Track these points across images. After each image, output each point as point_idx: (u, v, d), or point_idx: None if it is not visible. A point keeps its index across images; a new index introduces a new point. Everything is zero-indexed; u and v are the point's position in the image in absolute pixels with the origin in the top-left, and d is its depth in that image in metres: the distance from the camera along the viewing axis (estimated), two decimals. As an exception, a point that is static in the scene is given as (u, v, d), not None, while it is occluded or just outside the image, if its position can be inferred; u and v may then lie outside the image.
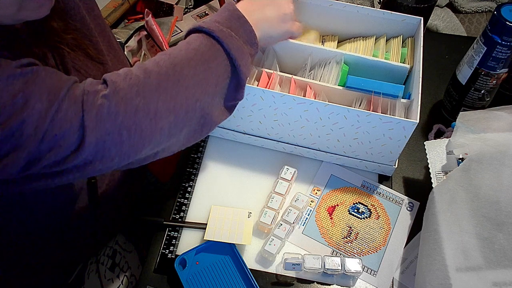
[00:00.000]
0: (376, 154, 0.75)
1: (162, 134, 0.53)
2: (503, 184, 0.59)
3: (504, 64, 0.75)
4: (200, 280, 0.65)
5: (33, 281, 0.73)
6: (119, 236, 0.82)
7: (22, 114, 0.44)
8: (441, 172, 0.72)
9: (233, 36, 0.59)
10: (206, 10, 1.84)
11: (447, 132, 0.81)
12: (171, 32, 1.63)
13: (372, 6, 1.57)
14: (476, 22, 1.62)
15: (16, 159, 0.45)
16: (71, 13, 0.63)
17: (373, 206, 0.75)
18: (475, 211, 0.60)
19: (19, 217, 0.63)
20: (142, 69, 0.53)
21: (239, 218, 0.71)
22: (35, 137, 0.45)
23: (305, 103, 0.69)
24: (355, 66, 0.77)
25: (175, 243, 0.70)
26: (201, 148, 0.81)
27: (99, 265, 0.77)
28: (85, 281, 0.75)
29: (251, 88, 0.69)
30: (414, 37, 0.82)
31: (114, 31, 1.34)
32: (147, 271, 0.68)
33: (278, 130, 0.77)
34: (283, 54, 0.81)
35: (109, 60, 0.70)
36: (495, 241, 0.57)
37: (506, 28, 0.71)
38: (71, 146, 0.47)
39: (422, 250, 0.64)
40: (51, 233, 0.69)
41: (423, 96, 0.70)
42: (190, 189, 0.76)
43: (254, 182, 0.77)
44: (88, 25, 0.66)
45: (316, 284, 0.67)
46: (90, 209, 0.69)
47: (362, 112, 0.67)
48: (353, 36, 0.86)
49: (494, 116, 0.67)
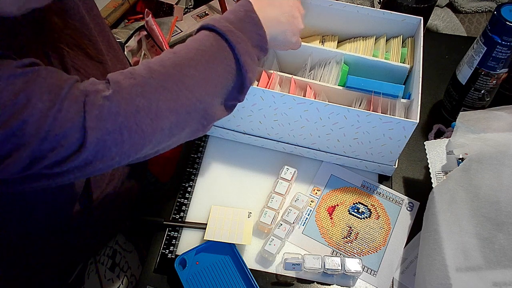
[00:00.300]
0: (376, 154, 0.75)
1: (163, 134, 0.53)
2: (503, 184, 0.59)
3: (504, 64, 0.75)
4: (200, 280, 0.65)
5: (33, 281, 0.73)
6: (119, 236, 0.82)
7: (23, 113, 0.44)
8: (441, 172, 0.72)
9: (244, 40, 0.58)
10: (206, 10, 1.84)
11: (447, 132, 0.81)
12: (171, 32, 1.63)
13: (372, 6, 1.57)
14: (476, 22, 1.62)
15: (18, 159, 0.45)
16: (70, 12, 0.63)
17: (373, 206, 0.75)
18: (475, 211, 0.60)
19: (19, 217, 0.63)
20: (147, 68, 0.53)
21: (239, 218, 0.71)
22: (37, 137, 0.45)
23: (305, 103, 0.69)
24: (355, 66, 0.77)
25: (175, 243, 0.70)
26: (201, 148, 0.81)
27: (99, 265, 0.77)
28: (85, 281, 0.75)
29: (251, 88, 0.69)
30: (414, 37, 0.82)
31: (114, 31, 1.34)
32: (147, 271, 0.68)
33: (278, 130, 0.77)
34: (283, 54, 0.81)
35: (108, 59, 0.70)
36: (495, 241, 0.57)
37: (506, 28, 0.71)
38: (73, 146, 0.47)
39: (422, 250, 0.64)
40: (51, 233, 0.68)
41: (423, 96, 0.70)
42: (190, 189, 0.76)
43: (254, 182, 0.77)
44: (88, 25, 0.66)
45: (316, 284, 0.67)
46: (89, 209, 0.69)
47: (362, 112, 0.67)
48: (353, 36, 0.86)
49: (494, 116, 0.67)
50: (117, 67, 0.74)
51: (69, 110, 0.46)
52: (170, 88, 0.52)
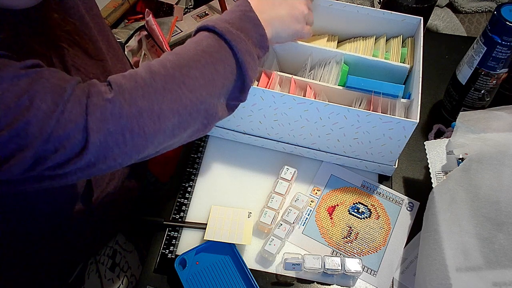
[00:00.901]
0: (376, 154, 0.75)
1: (165, 135, 0.53)
2: (503, 184, 0.59)
3: (504, 64, 0.75)
4: (200, 280, 0.65)
5: (33, 281, 0.73)
6: (119, 236, 0.82)
7: (27, 114, 0.44)
8: (441, 172, 0.72)
9: (243, 40, 0.58)
10: (206, 10, 1.84)
11: (447, 132, 0.81)
12: (171, 32, 1.63)
13: (372, 6, 1.57)
14: (476, 22, 1.62)
15: (21, 160, 0.45)
16: (70, 11, 0.63)
17: (373, 206, 0.75)
18: (475, 211, 0.60)
19: (19, 217, 0.63)
20: (148, 70, 0.52)
21: (239, 218, 0.71)
22: (40, 138, 0.45)
23: (305, 103, 0.69)
24: (355, 66, 0.77)
25: (175, 243, 0.70)
26: (201, 148, 0.81)
27: (99, 265, 0.77)
28: (85, 281, 0.75)
29: (251, 88, 0.69)
30: (414, 37, 0.82)
31: (114, 31, 1.34)
32: (147, 271, 0.68)
33: (278, 130, 0.77)
34: (283, 54, 0.81)
35: (108, 59, 0.70)
36: (495, 241, 0.57)
37: (506, 28, 0.71)
38: (76, 147, 0.47)
39: (422, 250, 0.64)
40: (51, 233, 0.69)
41: (423, 96, 0.70)
42: (190, 189, 0.76)
43: (254, 182, 0.77)
44: (87, 24, 0.66)
45: (316, 284, 0.67)
46: (90, 209, 0.69)
47: (362, 112, 0.67)
48: (353, 36, 0.86)
49: (494, 116, 0.67)
50: (117, 66, 0.74)
51: (72, 111, 0.46)
52: (172, 89, 0.52)
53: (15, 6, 0.51)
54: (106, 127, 0.48)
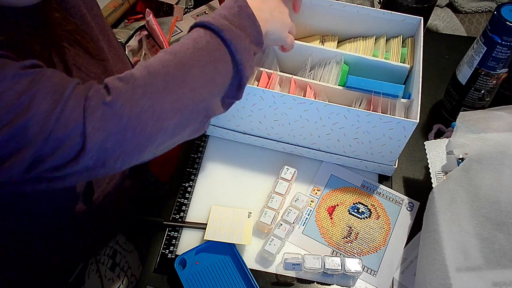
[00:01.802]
0: (376, 154, 0.75)
1: (166, 134, 0.53)
2: (503, 184, 0.59)
3: (504, 64, 0.75)
4: (200, 280, 0.65)
5: (33, 281, 0.73)
6: (119, 236, 0.82)
7: (27, 113, 0.44)
8: (441, 172, 0.72)
9: (240, 37, 0.57)
10: (206, 10, 1.84)
11: (447, 132, 0.81)
12: (171, 32, 1.63)
13: (372, 6, 1.57)
14: (476, 22, 1.62)
15: (21, 159, 0.45)
16: (71, 11, 0.63)
17: (373, 206, 0.75)
18: (475, 211, 0.60)
19: (19, 217, 0.63)
20: (146, 69, 0.52)
21: (239, 218, 0.71)
22: (40, 137, 0.45)
23: (305, 103, 0.69)
24: (355, 66, 0.77)
25: (175, 243, 0.70)
26: (201, 148, 0.81)
27: (99, 265, 0.77)
28: (85, 281, 0.75)
29: (251, 88, 0.69)
30: (414, 37, 0.82)
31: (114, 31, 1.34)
32: (147, 271, 0.68)
33: (278, 130, 0.77)
34: (283, 54, 0.81)
35: (109, 58, 0.70)
36: (495, 241, 0.57)
37: (506, 28, 0.71)
38: (75, 147, 0.46)
39: (422, 250, 0.64)
40: (51, 233, 0.69)
41: (423, 96, 0.70)
42: (190, 189, 0.76)
43: (254, 182, 0.77)
44: (88, 23, 0.66)
45: (316, 284, 0.67)
46: (90, 209, 0.69)
47: (362, 112, 0.67)
48: (353, 36, 0.86)
49: (494, 116, 0.67)
50: (118, 66, 0.74)
51: (72, 111, 0.46)
52: (174, 89, 0.52)
53: (16, 4, 0.51)
54: (107, 126, 0.47)
